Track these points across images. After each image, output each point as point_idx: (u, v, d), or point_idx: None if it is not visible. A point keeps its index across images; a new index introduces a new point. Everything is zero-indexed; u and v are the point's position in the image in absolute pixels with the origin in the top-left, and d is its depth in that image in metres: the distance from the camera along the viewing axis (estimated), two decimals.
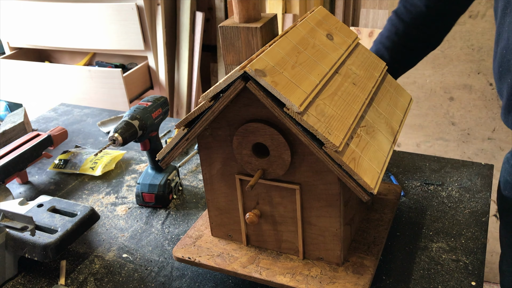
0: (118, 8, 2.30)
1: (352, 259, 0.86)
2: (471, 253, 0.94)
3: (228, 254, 0.89)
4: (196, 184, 1.23)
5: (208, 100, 0.76)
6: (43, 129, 1.56)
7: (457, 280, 0.88)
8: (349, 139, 0.75)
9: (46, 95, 2.56)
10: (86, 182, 1.27)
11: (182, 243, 0.93)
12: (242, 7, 0.83)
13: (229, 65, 0.87)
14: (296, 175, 0.79)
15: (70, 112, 1.68)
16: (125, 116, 1.06)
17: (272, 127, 0.76)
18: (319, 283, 0.81)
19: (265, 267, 0.86)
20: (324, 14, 0.96)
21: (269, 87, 0.70)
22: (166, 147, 0.83)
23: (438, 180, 1.16)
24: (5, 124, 1.42)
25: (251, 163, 0.81)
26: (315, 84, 0.77)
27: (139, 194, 1.14)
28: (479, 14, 1.66)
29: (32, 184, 1.28)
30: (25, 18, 2.50)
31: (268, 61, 0.74)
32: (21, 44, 2.67)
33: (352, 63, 0.91)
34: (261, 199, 0.85)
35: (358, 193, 0.73)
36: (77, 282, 0.94)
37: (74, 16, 2.40)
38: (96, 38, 2.43)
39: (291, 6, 2.52)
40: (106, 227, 1.09)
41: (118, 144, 1.01)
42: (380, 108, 0.89)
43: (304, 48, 0.83)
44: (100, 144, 1.46)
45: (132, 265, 0.98)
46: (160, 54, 2.46)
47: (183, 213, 1.12)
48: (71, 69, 2.44)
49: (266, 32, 0.84)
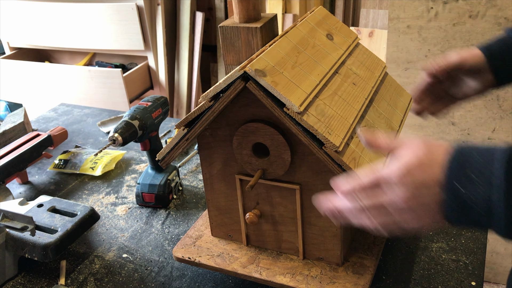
0: (118, 8, 2.30)
1: (352, 259, 0.86)
2: (471, 253, 0.94)
3: (228, 254, 0.89)
4: (196, 184, 1.23)
5: (208, 100, 0.76)
6: (43, 129, 1.56)
7: (457, 280, 0.88)
8: (349, 139, 0.75)
9: (46, 95, 2.56)
10: (86, 182, 1.27)
11: (182, 243, 0.93)
12: (242, 7, 0.83)
13: (229, 65, 0.87)
14: (296, 175, 0.79)
15: (70, 112, 1.68)
16: (125, 116, 1.06)
17: (272, 127, 0.75)
18: (319, 283, 0.81)
19: (265, 267, 0.86)
20: (324, 14, 0.96)
21: (269, 87, 0.70)
22: (166, 147, 0.83)
23: None
24: (5, 124, 1.42)
25: (251, 163, 0.81)
26: (315, 84, 0.77)
27: (139, 194, 1.14)
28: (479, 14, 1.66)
29: (32, 184, 1.28)
30: (25, 18, 2.51)
31: (268, 61, 0.74)
32: (21, 44, 2.67)
33: (352, 63, 0.91)
34: (261, 199, 0.85)
35: None
36: (77, 282, 0.94)
37: (74, 16, 2.40)
38: (96, 38, 2.43)
39: (291, 6, 2.52)
40: (106, 227, 1.09)
41: (118, 144, 1.01)
42: (380, 108, 0.89)
43: (304, 48, 0.83)
44: (100, 144, 1.46)
45: (132, 265, 0.98)
46: (160, 54, 2.46)
47: (183, 213, 1.12)
48: (71, 69, 2.44)
49: (266, 32, 0.84)
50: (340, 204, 0.63)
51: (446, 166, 0.56)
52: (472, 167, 0.55)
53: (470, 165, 0.55)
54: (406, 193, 0.57)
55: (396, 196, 0.58)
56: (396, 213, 0.59)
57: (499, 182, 0.53)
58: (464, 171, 0.55)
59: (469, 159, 0.56)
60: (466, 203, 0.54)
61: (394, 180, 0.58)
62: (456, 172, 0.55)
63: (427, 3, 1.72)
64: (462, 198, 0.54)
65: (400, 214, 0.59)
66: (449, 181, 0.55)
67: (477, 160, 0.55)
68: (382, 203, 0.60)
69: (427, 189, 0.57)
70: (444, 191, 0.56)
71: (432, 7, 1.72)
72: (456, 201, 0.55)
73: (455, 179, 0.55)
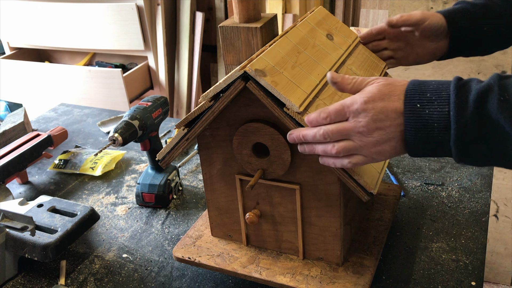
0: (118, 8, 2.30)
1: (352, 259, 0.86)
2: (471, 253, 0.94)
3: (228, 254, 0.89)
4: (196, 184, 1.23)
5: (208, 100, 0.76)
6: (43, 129, 1.56)
7: (457, 280, 0.88)
8: None
9: (46, 95, 2.56)
10: (86, 182, 1.27)
11: (182, 243, 0.93)
12: (242, 7, 0.83)
13: (229, 65, 0.87)
14: (296, 175, 0.79)
15: (70, 112, 1.68)
16: (125, 116, 1.06)
17: (272, 127, 0.76)
18: (319, 283, 0.81)
19: (265, 267, 0.86)
20: (324, 14, 0.96)
21: (269, 87, 0.70)
22: (166, 147, 0.83)
23: (438, 180, 1.16)
24: (5, 124, 1.42)
25: (251, 163, 0.81)
26: (315, 84, 0.77)
27: (139, 194, 1.14)
28: None
29: (32, 184, 1.28)
30: (25, 18, 2.50)
31: (268, 61, 0.74)
32: (21, 44, 2.67)
33: (352, 63, 0.91)
34: (261, 199, 0.85)
35: (358, 193, 0.73)
36: (77, 282, 0.94)
37: (74, 16, 2.40)
38: (96, 38, 2.43)
39: (291, 6, 2.51)
40: (106, 227, 1.09)
41: (118, 144, 1.01)
42: None
43: (304, 48, 0.83)
44: (100, 144, 1.46)
45: (132, 265, 0.98)
46: (160, 54, 2.46)
47: (183, 213, 1.12)
48: (71, 69, 2.44)
49: (266, 32, 0.84)
50: (306, 132, 0.67)
51: (406, 93, 0.63)
52: (430, 90, 0.62)
53: (428, 89, 0.62)
54: (366, 118, 0.63)
55: (357, 121, 0.64)
56: (357, 138, 0.64)
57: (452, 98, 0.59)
58: (424, 94, 0.62)
59: (427, 85, 0.63)
60: (427, 122, 0.60)
61: (356, 107, 0.64)
62: (417, 95, 0.62)
63: (427, 3, 1.72)
64: (423, 118, 0.61)
65: (361, 139, 0.64)
66: (410, 104, 0.62)
67: (434, 85, 0.62)
68: (344, 127, 0.65)
69: (387, 115, 0.63)
70: (405, 115, 0.62)
71: (432, 7, 1.72)
72: (418, 122, 0.61)
73: (417, 101, 0.61)
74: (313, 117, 0.67)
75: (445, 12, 0.92)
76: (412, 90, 0.62)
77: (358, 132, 0.64)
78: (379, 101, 0.63)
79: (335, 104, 0.65)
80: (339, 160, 0.67)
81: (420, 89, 0.62)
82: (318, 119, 0.66)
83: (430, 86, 0.62)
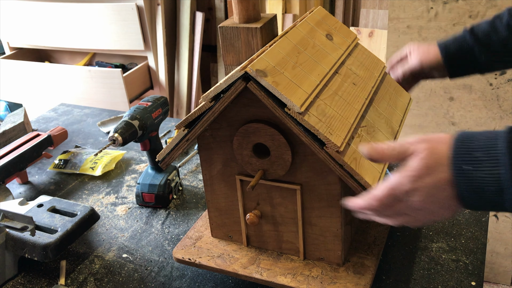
0: (118, 8, 2.30)
1: (353, 259, 0.86)
2: (471, 253, 0.94)
3: (229, 255, 0.89)
4: (196, 184, 1.23)
5: (208, 101, 0.76)
6: (43, 129, 1.56)
7: (457, 280, 0.88)
8: (350, 139, 0.75)
9: (46, 95, 2.56)
10: (86, 182, 1.27)
11: (182, 244, 0.93)
12: (242, 7, 0.83)
13: (229, 66, 0.87)
14: (297, 175, 0.79)
15: (70, 112, 1.68)
16: (125, 116, 1.06)
17: (273, 128, 0.75)
18: (320, 283, 0.81)
19: (266, 268, 0.86)
20: (324, 15, 0.96)
21: (270, 87, 0.70)
22: (166, 148, 0.83)
23: None
24: (5, 124, 1.42)
25: (251, 163, 0.81)
26: (316, 84, 0.77)
27: (139, 194, 1.14)
28: (479, 15, 1.66)
29: (32, 184, 1.28)
30: (25, 18, 2.50)
31: (269, 62, 0.73)
32: (21, 44, 2.67)
33: (352, 63, 0.91)
34: (261, 199, 0.85)
35: (359, 193, 0.73)
36: (77, 282, 0.94)
37: (74, 16, 2.40)
38: (96, 38, 2.43)
39: (291, 6, 2.52)
40: (106, 227, 1.09)
41: (118, 144, 1.01)
42: (380, 108, 0.89)
43: (304, 48, 0.83)
44: (100, 144, 1.46)
45: (132, 265, 0.98)
46: (160, 54, 2.46)
47: (183, 213, 1.12)
48: (71, 69, 2.44)
49: (266, 33, 0.84)
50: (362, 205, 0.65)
51: (451, 156, 0.58)
52: (477, 147, 0.57)
53: (474, 146, 0.57)
54: (420, 197, 0.60)
55: (411, 201, 0.61)
56: (415, 214, 0.63)
57: (504, 158, 0.55)
58: (470, 153, 0.57)
59: (473, 141, 0.58)
60: (478, 183, 0.56)
61: (406, 188, 0.60)
62: (463, 156, 0.57)
63: (427, 3, 1.72)
64: (473, 179, 0.56)
65: (419, 214, 0.63)
66: (457, 167, 0.57)
67: (481, 141, 0.57)
68: (400, 208, 0.63)
69: (438, 189, 0.59)
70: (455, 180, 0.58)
71: (432, 7, 1.72)
72: (468, 184, 0.57)
73: (463, 163, 0.57)
74: (364, 205, 0.64)
75: (441, 46, 0.97)
76: (457, 155, 0.58)
77: (414, 209, 0.62)
78: (427, 177, 0.59)
79: (382, 189, 0.62)
80: None
81: (467, 147, 0.57)
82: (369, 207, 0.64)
83: (477, 142, 0.57)
